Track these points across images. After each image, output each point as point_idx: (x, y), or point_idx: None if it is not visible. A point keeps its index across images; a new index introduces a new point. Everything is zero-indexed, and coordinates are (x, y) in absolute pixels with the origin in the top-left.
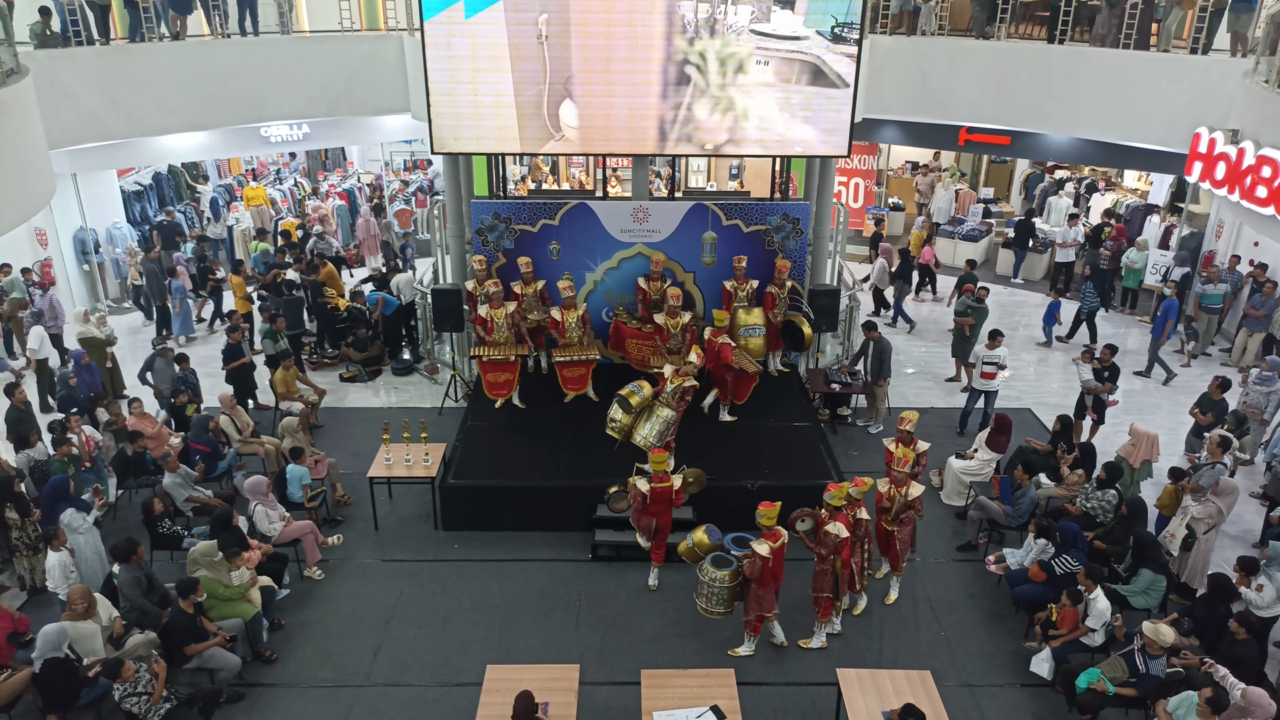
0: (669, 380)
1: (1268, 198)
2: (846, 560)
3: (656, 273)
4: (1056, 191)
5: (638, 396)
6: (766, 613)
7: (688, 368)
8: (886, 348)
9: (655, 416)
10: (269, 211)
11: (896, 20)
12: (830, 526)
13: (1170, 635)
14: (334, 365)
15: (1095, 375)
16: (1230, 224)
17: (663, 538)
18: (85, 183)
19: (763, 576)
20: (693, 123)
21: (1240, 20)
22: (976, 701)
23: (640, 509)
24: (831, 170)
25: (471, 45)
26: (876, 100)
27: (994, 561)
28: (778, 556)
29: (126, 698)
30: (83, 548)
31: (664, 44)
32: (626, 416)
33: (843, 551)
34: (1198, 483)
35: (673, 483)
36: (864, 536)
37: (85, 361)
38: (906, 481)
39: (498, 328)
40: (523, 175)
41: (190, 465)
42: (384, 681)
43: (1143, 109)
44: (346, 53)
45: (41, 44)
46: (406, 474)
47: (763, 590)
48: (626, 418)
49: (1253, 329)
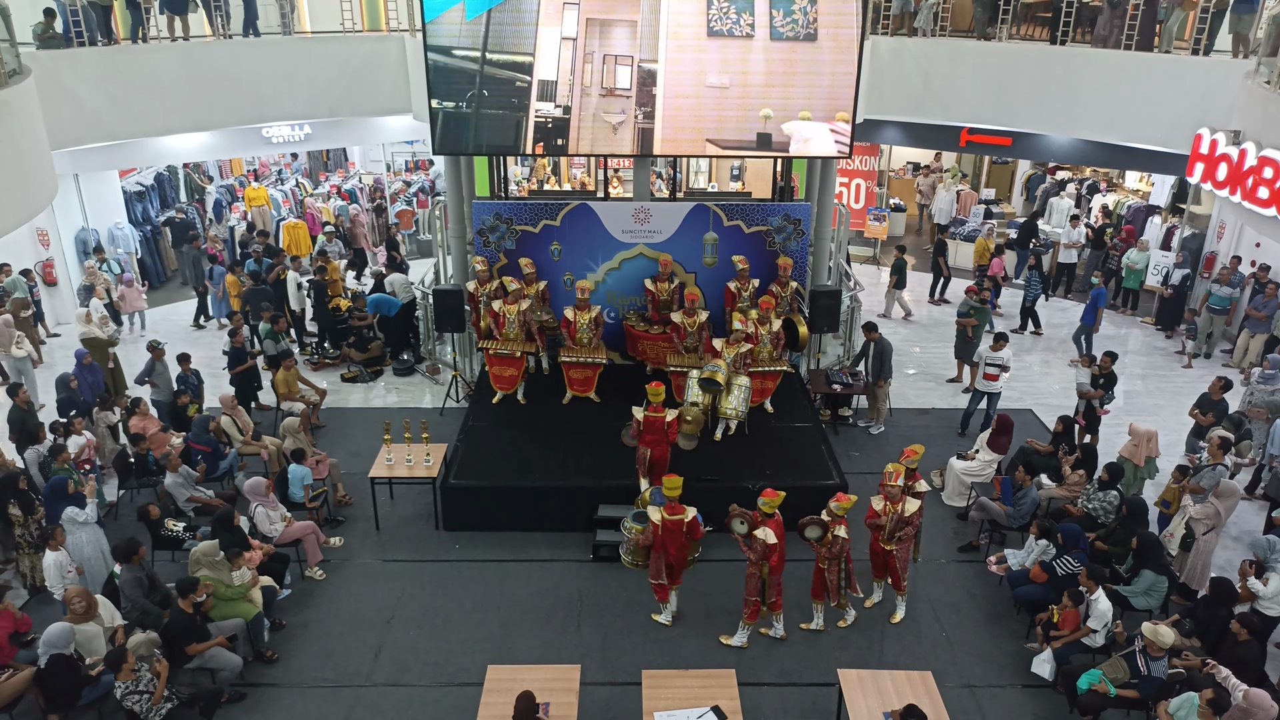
0: (724, 352)
1: (1269, 199)
2: (776, 567)
3: (665, 274)
4: (1058, 192)
5: (720, 374)
6: (653, 579)
7: (736, 335)
8: (887, 348)
9: (736, 386)
10: (270, 212)
11: (898, 21)
12: (759, 532)
13: (1170, 637)
14: (335, 365)
15: (1091, 381)
16: (1232, 225)
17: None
18: (87, 183)
19: (662, 546)
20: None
21: (1242, 21)
22: (978, 702)
23: (635, 434)
24: (833, 171)
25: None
26: (878, 101)
27: (995, 562)
28: (673, 529)
29: (128, 696)
30: (83, 545)
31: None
32: (706, 397)
33: (770, 557)
34: (1199, 484)
35: (665, 414)
36: (840, 554)
37: (87, 361)
38: (901, 498)
39: (509, 323)
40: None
41: (192, 466)
42: (385, 681)
43: (1144, 110)
44: (348, 53)
45: (43, 44)
46: (408, 474)
47: (654, 555)
48: (707, 398)
49: (1254, 330)
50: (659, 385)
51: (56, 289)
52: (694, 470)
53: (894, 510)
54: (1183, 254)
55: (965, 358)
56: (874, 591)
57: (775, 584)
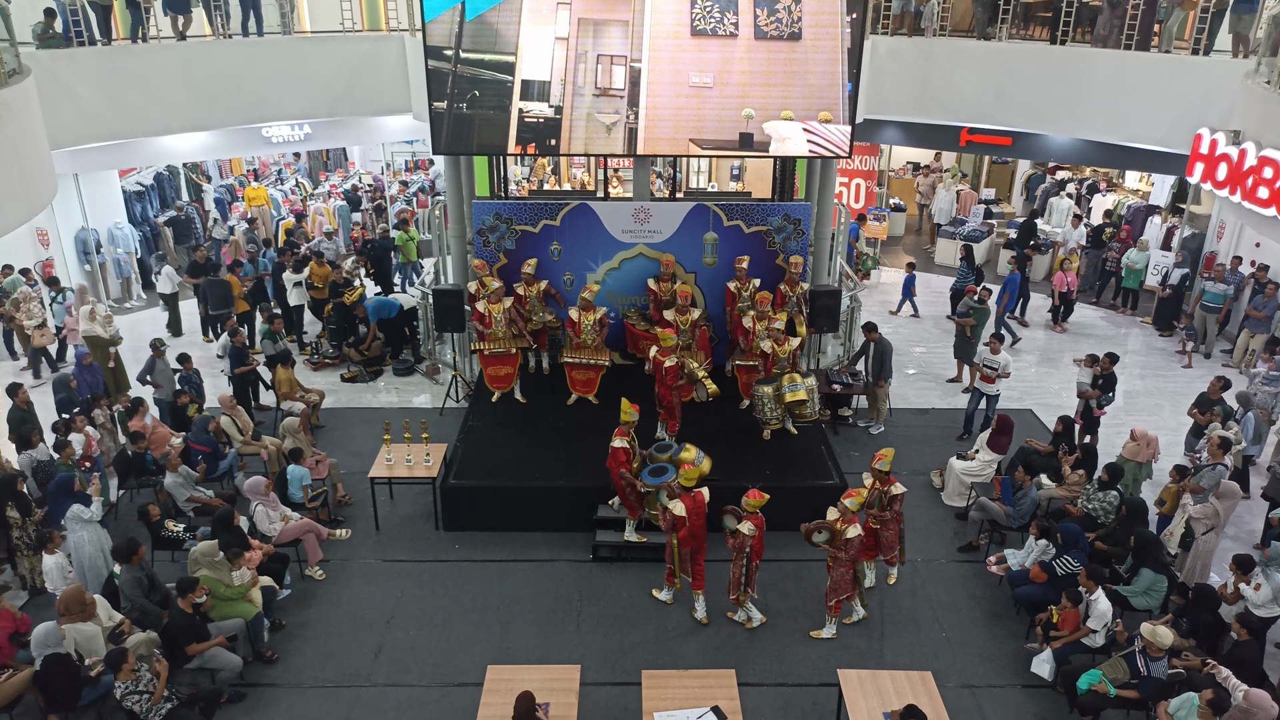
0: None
1: (1269, 199)
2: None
3: (667, 274)
4: (1058, 192)
5: (801, 391)
6: (686, 575)
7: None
8: (887, 349)
9: (808, 390)
10: (270, 212)
11: (898, 21)
12: (742, 525)
13: (1169, 637)
14: (335, 365)
15: (1091, 381)
16: (1232, 225)
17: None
18: (87, 183)
19: (683, 533)
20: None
21: (1242, 21)
22: (978, 702)
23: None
24: (833, 171)
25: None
26: (878, 101)
27: (995, 562)
28: (695, 513)
29: (128, 696)
30: (86, 544)
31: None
32: (780, 409)
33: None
34: (1198, 484)
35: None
36: (854, 552)
37: (87, 362)
38: (890, 480)
39: (495, 322)
40: (525, 176)
41: (191, 466)
42: (385, 682)
43: (1144, 110)
44: (348, 53)
45: (43, 44)
46: (407, 474)
47: (683, 549)
48: (780, 409)
49: (1254, 330)
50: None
51: None
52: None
53: (881, 490)
54: (1183, 254)
55: (965, 358)
56: (865, 576)
57: (751, 569)
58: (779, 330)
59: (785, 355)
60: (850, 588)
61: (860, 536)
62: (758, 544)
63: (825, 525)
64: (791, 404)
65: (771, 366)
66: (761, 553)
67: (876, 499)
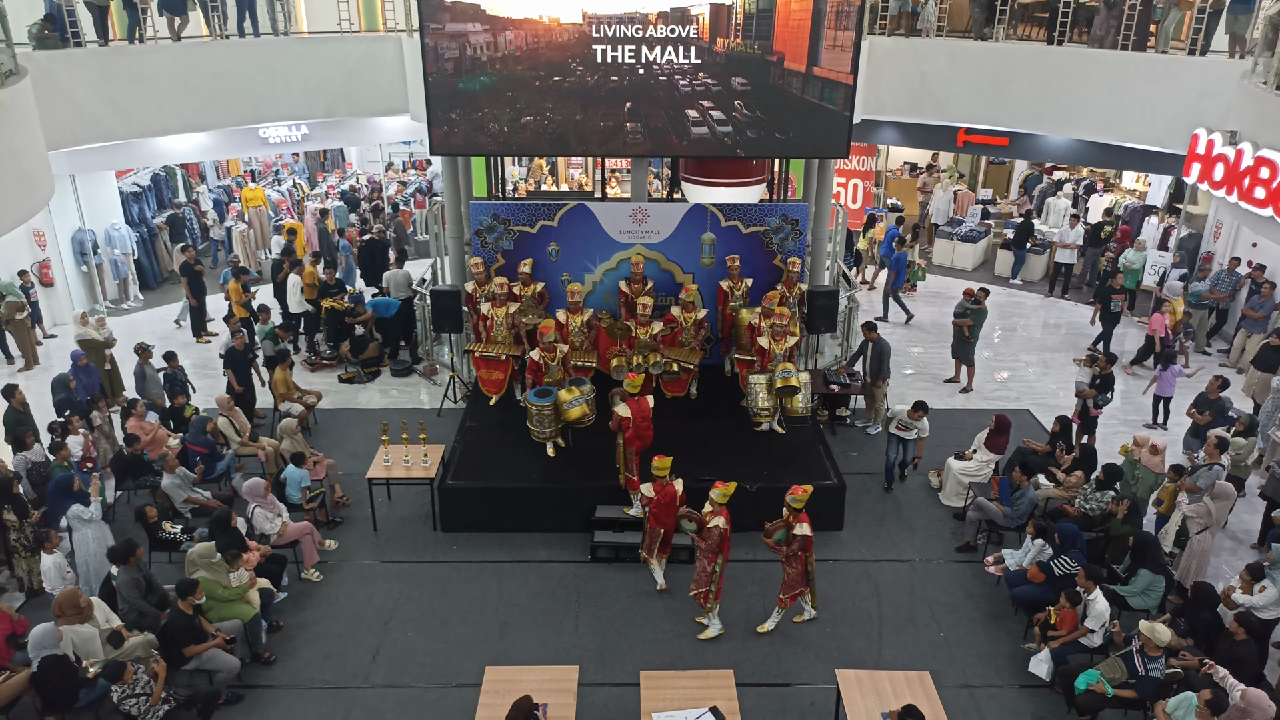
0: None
1: (1266, 199)
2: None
3: (638, 275)
4: (1055, 192)
5: (794, 378)
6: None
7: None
8: (885, 349)
9: (803, 385)
10: (268, 213)
11: (895, 21)
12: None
13: (1166, 634)
14: (333, 366)
15: (1090, 381)
16: (1229, 225)
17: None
18: (84, 184)
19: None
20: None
21: (1238, 21)
22: (976, 702)
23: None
24: (830, 171)
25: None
26: (875, 101)
27: (993, 562)
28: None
29: (125, 699)
30: (89, 541)
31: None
32: (774, 400)
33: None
34: (1195, 483)
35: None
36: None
37: (83, 363)
38: (801, 517)
39: (497, 326)
40: (523, 177)
41: (189, 467)
42: (383, 683)
43: (1141, 110)
44: (345, 54)
45: (40, 45)
46: (405, 475)
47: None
48: (774, 401)
49: (1251, 330)
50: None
51: (53, 290)
52: (692, 471)
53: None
54: (1179, 254)
55: (963, 358)
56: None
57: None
58: (783, 326)
59: (782, 351)
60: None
61: (721, 529)
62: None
63: (694, 516)
64: (783, 390)
65: (767, 362)
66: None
67: (780, 532)
